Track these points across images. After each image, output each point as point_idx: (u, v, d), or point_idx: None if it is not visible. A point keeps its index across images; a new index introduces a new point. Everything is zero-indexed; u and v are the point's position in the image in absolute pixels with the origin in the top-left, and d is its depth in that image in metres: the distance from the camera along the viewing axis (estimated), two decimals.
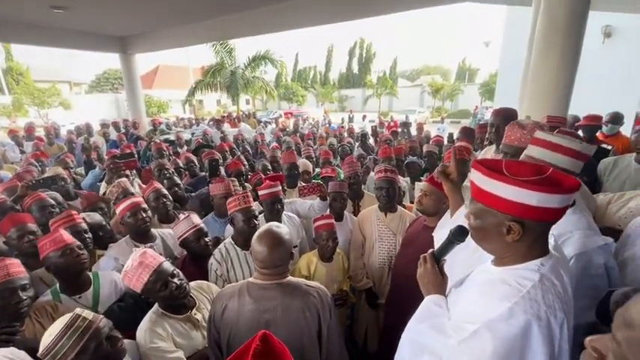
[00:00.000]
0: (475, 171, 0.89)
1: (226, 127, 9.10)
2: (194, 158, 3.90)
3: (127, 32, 8.82)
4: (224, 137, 6.55)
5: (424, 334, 0.98)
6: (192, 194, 3.13)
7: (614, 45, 10.10)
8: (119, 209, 2.13)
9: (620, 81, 9.10)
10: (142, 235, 2.11)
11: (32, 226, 2.06)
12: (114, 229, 2.38)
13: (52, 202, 2.46)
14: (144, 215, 2.10)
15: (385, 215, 2.31)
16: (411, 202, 3.19)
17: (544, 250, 0.89)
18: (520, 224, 0.83)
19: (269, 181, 2.33)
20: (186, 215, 1.99)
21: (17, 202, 2.64)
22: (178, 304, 1.48)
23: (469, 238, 1.00)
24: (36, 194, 2.47)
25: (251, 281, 1.40)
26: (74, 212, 2.09)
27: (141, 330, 1.41)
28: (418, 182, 3.28)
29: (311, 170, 3.70)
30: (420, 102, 32.70)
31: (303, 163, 3.61)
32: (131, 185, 3.01)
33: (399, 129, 7.65)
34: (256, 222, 1.99)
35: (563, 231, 1.21)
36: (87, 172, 4.13)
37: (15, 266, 1.49)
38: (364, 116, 15.05)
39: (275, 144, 5.93)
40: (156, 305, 1.48)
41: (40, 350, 1.09)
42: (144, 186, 3.00)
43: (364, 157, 4.60)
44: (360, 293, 2.39)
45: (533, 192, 0.80)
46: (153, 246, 2.07)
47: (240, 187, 2.96)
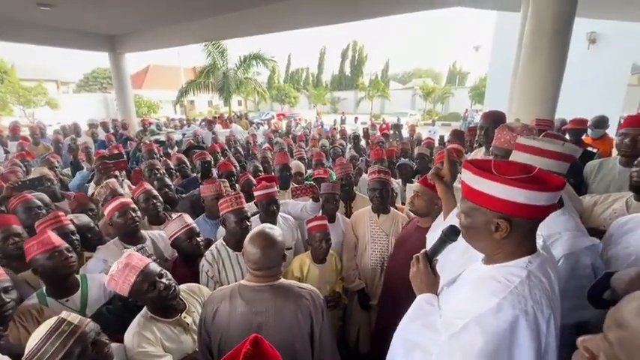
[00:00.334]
0: (466, 171, 0.91)
1: (218, 128, 9.03)
2: (185, 159, 3.85)
3: (117, 31, 8.70)
4: (215, 138, 6.49)
5: (416, 332, 0.99)
6: (182, 195, 3.09)
7: (598, 51, 10.41)
8: (107, 210, 2.09)
9: (604, 85, 9.37)
10: (132, 236, 2.07)
11: (17, 228, 2.01)
12: (102, 231, 2.33)
13: (39, 204, 2.40)
14: (133, 215, 2.06)
15: (378, 216, 2.32)
16: (403, 204, 3.22)
17: (532, 249, 0.91)
18: (507, 221, 0.85)
19: (265, 182, 2.30)
20: (178, 215, 1.96)
21: (2, 204, 2.57)
22: (167, 307, 1.46)
23: (461, 240, 1.01)
24: (22, 195, 2.41)
25: (243, 284, 1.39)
26: (61, 213, 2.04)
27: (129, 334, 1.38)
28: (410, 184, 3.31)
29: (303, 172, 3.70)
30: (412, 105, 32.98)
31: (295, 165, 3.60)
32: (120, 186, 2.95)
33: (391, 131, 7.70)
34: (248, 223, 1.98)
35: (552, 232, 1.23)
36: (74, 173, 4.03)
37: None
38: (356, 118, 15.11)
39: (267, 145, 5.90)
40: (145, 309, 1.46)
41: (25, 355, 1.06)
42: (133, 187, 2.94)
43: (356, 159, 4.61)
44: (353, 294, 2.39)
45: (520, 190, 0.82)
46: (144, 247, 2.03)
47: (231, 189, 2.93)
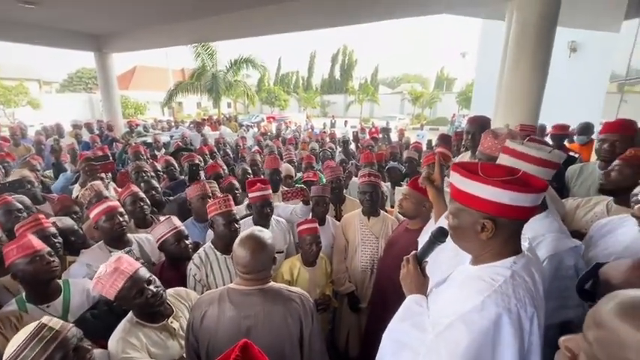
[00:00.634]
0: (454, 173, 0.94)
1: (207, 130, 8.94)
2: (174, 161, 3.80)
3: (103, 30, 8.53)
4: (205, 140, 6.42)
5: (405, 332, 1.01)
6: (170, 198, 3.04)
7: (579, 59, 10.81)
8: (93, 213, 2.04)
9: (585, 93, 9.68)
10: (118, 240, 2.03)
11: None
12: (86, 234, 2.27)
13: (19, 207, 2.33)
14: (120, 220, 2.02)
15: (368, 219, 2.34)
16: (392, 207, 3.24)
17: (517, 250, 0.94)
18: (493, 222, 0.88)
19: (260, 184, 2.26)
20: (166, 217, 1.93)
21: None
22: (154, 312, 1.43)
23: (450, 242, 1.03)
24: (2, 197, 2.33)
25: (232, 287, 1.37)
26: (42, 216, 1.98)
27: (113, 339, 1.35)
28: (399, 187, 3.34)
29: (293, 174, 3.69)
30: (401, 109, 33.35)
31: (285, 168, 3.59)
32: (106, 189, 2.88)
33: (380, 135, 7.77)
34: (237, 226, 1.96)
35: (536, 234, 1.26)
36: (56, 175, 3.92)
37: None
38: (346, 122, 15.26)
39: (256, 148, 5.87)
40: (130, 313, 1.43)
41: None
42: (120, 190, 2.88)
43: (346, 163, 4.63)
44: (342, 297, 2.39)
45: (505, 191, 0.85)
46: (131, 250, 1.99)
47: (218, 191, 2.88)
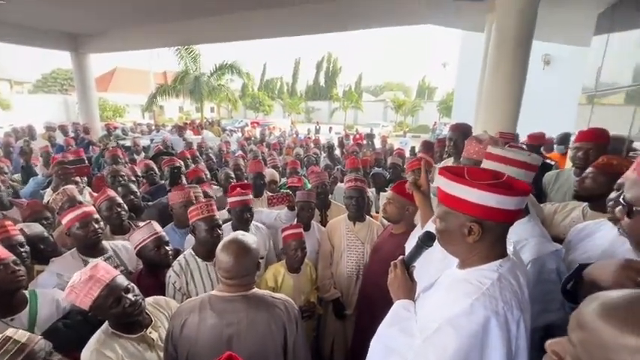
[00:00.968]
0: (441, 177, 0.95)
1: (189, 135, 8.77)
2: (154, 165, 3.67)
3: (81, 30, 8.26)
4: (189, 144, 6.29)
5: (393, 338, 1.00)
6: (149, 203, 2.93)
7: (552, 72, 11.38)
8: (66, 219, 1.92)
9: (558, 104, 10.16)
10: (92, 248, 1.91)
11: None
12: (58, 242, 2.15)
13: None
14: (96, 227, 1.90)
15: (354, 224, 2.33)
16: (377, 212, 3.25)
17: (503, 253, 0.95)
18: (479, 225, 0.88)
19: (240, 189, 2.23)
20: (146, 222, 1.85)
21: None
22: (132, 322, 1.35)
23: (437, 247, 1.04)
24: None
25: (214, 294, 1.33)
26: (8, 222, 1.86)
27: (87, 351, 1.26)
28: (383, 193, 3.36)
29: (278, 180, 3.65)
30: (384, 116, 33.91)
31: (269, 173, 3.56)
32: (81, 194, 2.75)
33: (364, 141, 7.86)
34: (220, 232, 1.90)
35: (519, 238, 1.28)
36: (25, 179, 3.71)
37: None
38: (330, 128, 15.35)
39: (240, 152, 5.79)
40: (106, 323, 1.34)
41: None
42: (95, 195, 2.75)
43: (331, 168, 4.63)
44: (327, 304, 2.36)
45: (491, 194, 0.86)
46: (110, 257, 1.89)
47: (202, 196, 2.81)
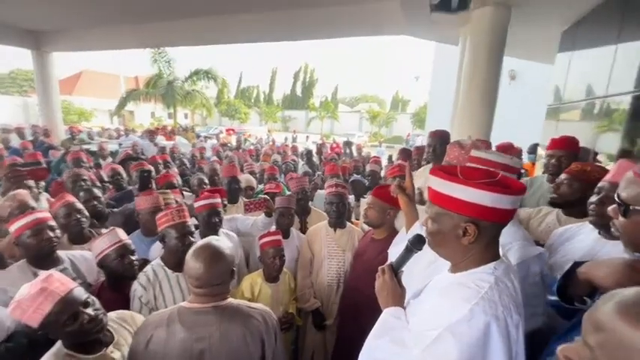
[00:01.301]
0: (433, 176, 0.91)
1: (160, 140, 8.42)
2: (121, 170, 3.45)
3: (44, 26, 7.77)
4: (162, 149, 6.02)
5: (384, 350, 0.93)
6: (114, 210, 2.72)
7: (517, 86, 12.14)
8: (15, 226, 1.70)
9: (523, 116, 10.80)
10: (45, 259, 1.71)
11: None
12: (4, 253, 1.91)
13: None
14: (50, 235, 1.71)
15: (335, 231, 2.27)
16: (357, 219, 3.22)
17: (496, 255, 0.93)
18: (475, 225, 0.85)
19: (206, 193, 2.14)
20: (109, 229, 1.68)
21: None
22: (90, 341, 1.19)
23: (426, 252, 1.00)
24: None
25: (184, 306, 1.21)
26: None
27: None
28: (363, 199, 3.34)
29: (254, 186, 3.55)
30: (359, 127, 34.60)
31: (245, 179, 3.45)
32: (36, 200, 2.50)
33: (342, 149, 7.91)
34: (192, 239, 1.77)
35: (504, 242, 1.27)
36: None
37: None
38: (307, 137, 15.36)
39: (215, 158, 5.60)
40: (58, 343, 1.17)
41: None
42: (53, 200, 2.52)
43: (310, 175, 4.57)
44: (307, 315, 2.27)
45: (487, 193, 0.83)
46: (66, 269, 1.70)
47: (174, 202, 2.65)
